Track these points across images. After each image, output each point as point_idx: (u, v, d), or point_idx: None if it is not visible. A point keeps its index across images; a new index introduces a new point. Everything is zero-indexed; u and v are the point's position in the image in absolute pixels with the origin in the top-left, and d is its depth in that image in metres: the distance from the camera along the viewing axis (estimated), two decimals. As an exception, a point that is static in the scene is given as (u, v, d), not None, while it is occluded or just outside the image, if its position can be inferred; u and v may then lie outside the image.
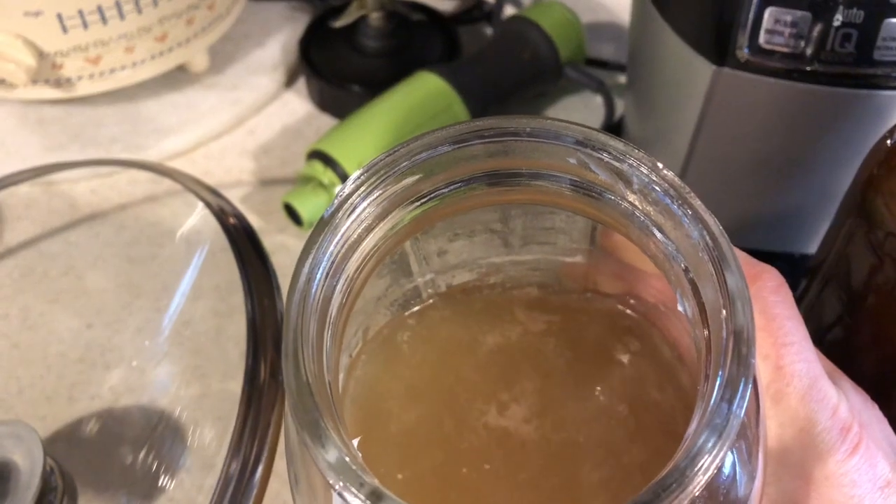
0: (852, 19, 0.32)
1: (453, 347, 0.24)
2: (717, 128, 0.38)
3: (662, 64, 0.40)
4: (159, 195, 0.47)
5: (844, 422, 0.22)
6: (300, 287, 0.18)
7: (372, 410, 0.23)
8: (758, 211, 0.40)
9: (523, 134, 0.20)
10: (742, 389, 0.16)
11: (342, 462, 0.16)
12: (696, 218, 0.18)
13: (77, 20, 0.46)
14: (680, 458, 0.16)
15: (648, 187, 0.19)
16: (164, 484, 0.35)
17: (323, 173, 0.46)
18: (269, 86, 0.55)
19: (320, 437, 0.16)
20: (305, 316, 0.18)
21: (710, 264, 0.18)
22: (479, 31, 0.60)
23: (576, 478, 0.21)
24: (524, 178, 0.21)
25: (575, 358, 0.24)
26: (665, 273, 0.20)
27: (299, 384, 0.17)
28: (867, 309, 0.29)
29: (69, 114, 0.53)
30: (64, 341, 0.42)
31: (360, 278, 0.21)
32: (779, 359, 0.22)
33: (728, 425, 0.16)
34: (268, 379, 0.30)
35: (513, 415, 0.22)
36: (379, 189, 0.20)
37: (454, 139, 0.20)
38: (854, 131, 0.35)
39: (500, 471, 0.22)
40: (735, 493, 0.18)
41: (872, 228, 0.28)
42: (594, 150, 0.19)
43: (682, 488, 0.15)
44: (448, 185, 0.21)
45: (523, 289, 0.25)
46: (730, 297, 0.17)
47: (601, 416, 0.22)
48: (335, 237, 0.19)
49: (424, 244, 0.24)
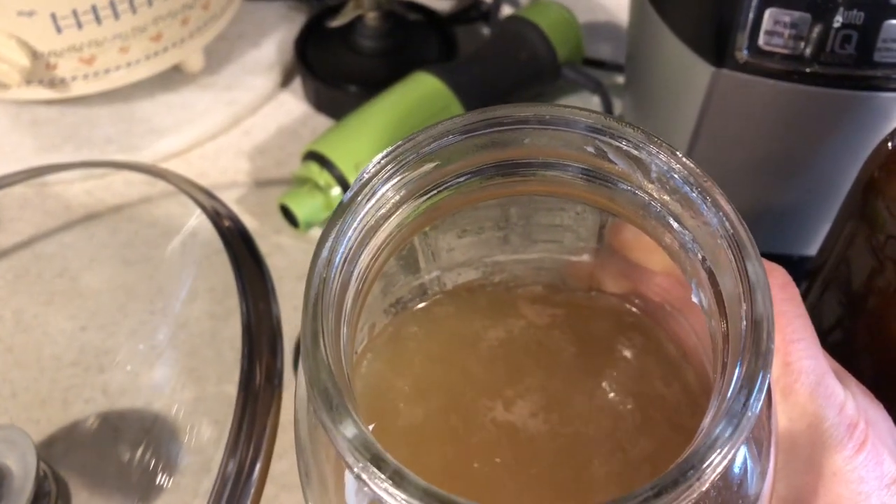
0: (852, 20, 0.32)
1: (459, 344, 0.24)
2: (715, 130, 0.37)
3: (661, 65, 0.39)
4: (154, 197, 0.47)
5: (851, 419, 0.22)
6: (319, 270, 0.18)
7: (378, 407, 0.23)
8: (757, 213, 0.40)
9: (539, 122, 0.20)
10: (761, 380, 0.16)
11: (362, 438, 0.16)
12: (716, 205, 0.18)
13: (71, 20, 0.46)
14: (698, 445, 0.15)
15: (667, 175, 0.19)
16: (160, 488, 0.35)
17: (319, 174, 0.46)
18: (264, 86, 0.55)
19: (340, 414, 0.16)
20: (325, 299, 0.18)
21: (730, 252, 0.18)
22: (476, 31, 0.60)
23: (586, 470, 0.21)
24: (538, 168, 0.21)
25: (580, 353, 0.24)
26: (680, 264, 0.20)
27: (318, 362, 0.17)
28: (867, 312, 0.29)
29: (63, 114, 0.52)
30: (58, 344, 0.41)
31: (374, 268, 0.20)
32: (787, 355, 0.22)
33: (745, 415, 0.16)
34: (263, 382, 0.30)
35: (520, 409, 0.22)
36: (398, 174, 0.20)
37: (470, 127, 0.20)
38: (854, 133, 0.35)
39: (511, 465, 0.22)
40: (747, 487, 0.18)
41: (873, 231, 0.28)
42: (612, 138, 0.19)
43: (698, 475, 0.15)
44: (462, 175, 0.21)
45: (528, 287, 0.25)
46: (750, 287, 0.17)
47: (608, 410, 0.22)
48: (355, 221, 0.19)
49: (433, 240, 0.24)
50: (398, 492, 0.15)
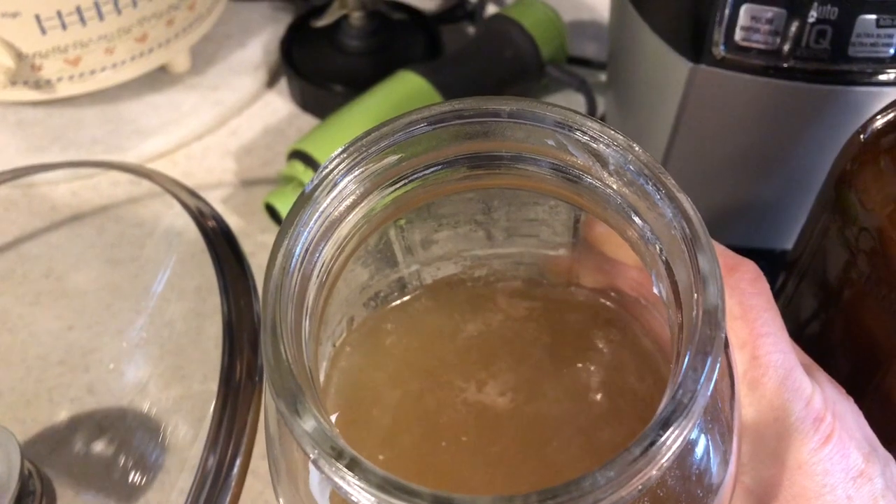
0: (827, 16, 0.32)
1: (437, 337, 0.24)
2: (694, 125, 0.38)
3: (640, 62, 0.40)
4: (140, 197, 0.47)
5: (818, 412, 0.23)
6: (280, 261, 0.18)
7: (356, 399, 0.23)
8: (737, 207, 0.40)
9: (503, 115, 0.20)
10: (710, 364, 0.16)
11: (319, 431, 0.16)
12: (670, 197, 0.18)
13: (55, 21, 0.46)
14: (648, 430, 0.16)
15: (624, 167, 0.19)
16: (143, 485, 0.35)
17: (304, 173, 0.46)
18: (250, 86, 0.55)
19: (297, 407, 0.16)
20: (284, 293, 0.18)
21: (683, 243, 0.18)
22: (461, 29, 0.60)
23: (544, 450, 0.22)
24: (505, 161, 0.21)
25: (554, 342, 0.24)
26: (641, 256, 0.20)
27: (277, 356, 0.17)
28: (842, 304, 0.29)
29: (50, 115, 0.53)
30: (44, 344, 0.41)
31: (338, 261, 0.20)
32: (755, 349, 0.23)
33: (695, 398, 0.16)
34: (244, 380, 0.30)
35: (490, 390, 0.22)
36: (360, 166, 0.20)
37: (434, 119, 0.20)
38: (830, 127, 0.35)
39: (475, 443, 0.22)
40: (709, 476, 0.18)
41: (846, 223, 0.28)
42: (570, 131, 0.19)
43: (648, 458, 0.15)
44: (428, 168, 0.21)
45: (508, 282, 0.26)
46: (701, 276, 0.17)
47: (575, 395, 0.23)
48: (315, 213, 0.19)
49: (409, 234, 0.24)
50: (355, 481, 0.15)
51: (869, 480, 0.23)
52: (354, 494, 0.15)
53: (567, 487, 0.15)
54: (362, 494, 0.15)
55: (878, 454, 0.24)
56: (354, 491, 0.15)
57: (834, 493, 0.22)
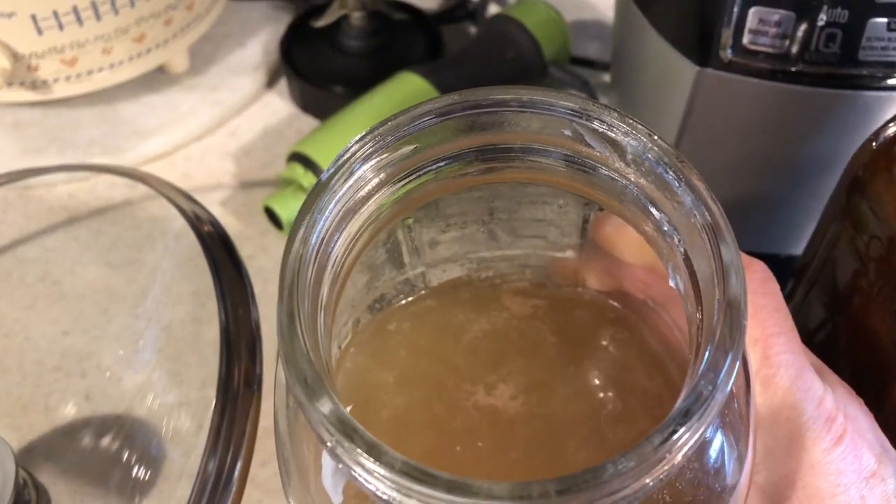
0: (837, 19, 0.32)
1: (443, 338, 0.24)
2: (700, 129, 0.37)
3: (645, 64, 0.39)
4: (137, 200, 0.47)
5: (830, 412, 0.23)
6: (296, 248, 0.18)
7: (362, 400, 0.23)
8: (743, 212, 0.40)
9: (518, 104, 0.19)
10: (731, 359, 0.16)
11: (337, 413, 0.15)
12: (690, 186, 0.18)
13: (52, 21, 0.45)
14: (668, 419, 0.15)
15: (642, 156, 0.19)
16: (141, 492, 0.35)
17: (303, 176, 0.46)
18: (250, 87, 0.55)
19: (314, 390, 0.16)
20: (302, 279, 0.18)
21: (704, 233, 0.18)
22: (462, 30, 0.59)
23: (561, 452, 0.21)
24: (517, 154, 0.21)
25: (562, 342, 0.24)
26: (657, 249, 0.20)
27: (294, 339, 0.16)
28: (851, 313, 0.29)
29: (46, 116, 0.52)
30: (40, 349, 0.41)
31: (351, 255, 0.20)
32: (767, 348, 0.23)
33: (715, 389, 0.15)
34: (241, 386, 0.30)
35: (501, 393, 0.22)
36: (377, 155, 0.19)
37: (447, 109, 0.20)
38: (839, 132, 0.35)
39: (491, 448, 0.21)
40: (725, 474, 0.18)
41: (857, 232, 0.27)
42: (588, 120, 0.19)
43: (668, 447, 0.15)
44: (442, 161, 0.21)
45: (514, 284, 0.25)
46: (723, 267, 0.17)
47: (588, 396, 0.22)
48: (332, 201, 0.19)
49: (417, 234, 0.24)
50: (375, 466, 0.14)
51: (882, 481, 0.23)
52: (373, 482, 0.15)
53: (585, 475, 0.14)
54: (383, 481, 0.15)
55: (889, 455, 0.24)
56: (374, 478, 0.15)
57: (847, 493, 0.22)
